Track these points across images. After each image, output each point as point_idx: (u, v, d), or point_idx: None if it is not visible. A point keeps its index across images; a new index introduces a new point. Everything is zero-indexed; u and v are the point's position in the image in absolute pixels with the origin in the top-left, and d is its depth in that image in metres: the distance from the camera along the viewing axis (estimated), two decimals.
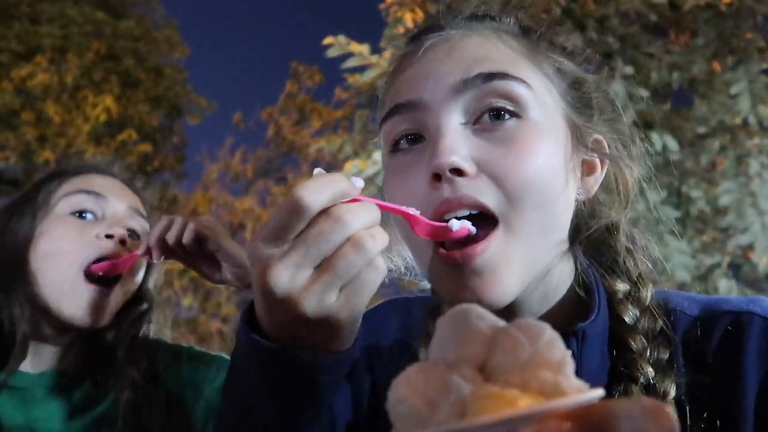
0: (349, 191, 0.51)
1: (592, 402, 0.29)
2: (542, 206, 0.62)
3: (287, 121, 13.65)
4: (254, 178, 13.42)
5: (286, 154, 13.76)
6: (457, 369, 0.32)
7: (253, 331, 0.54)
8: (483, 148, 0.62)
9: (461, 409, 0.29)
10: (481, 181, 0.61)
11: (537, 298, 0.68)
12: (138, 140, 11.40)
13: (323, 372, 0.55)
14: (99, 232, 1.09)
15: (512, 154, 0.61)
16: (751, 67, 3.55)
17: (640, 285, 0.70)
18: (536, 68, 0.66)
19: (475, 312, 0.34)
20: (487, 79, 0.63)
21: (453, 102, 0.63)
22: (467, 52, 0.65)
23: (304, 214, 0.49)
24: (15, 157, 10.84)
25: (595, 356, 0.65)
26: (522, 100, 0.63)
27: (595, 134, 0.70)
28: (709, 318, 0.66)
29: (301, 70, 13.71)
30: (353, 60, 3.46)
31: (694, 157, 3.85)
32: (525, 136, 0.62)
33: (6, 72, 10.65)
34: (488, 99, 0.63)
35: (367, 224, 0.51)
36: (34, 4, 11.22)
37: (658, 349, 0.65)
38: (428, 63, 0.66)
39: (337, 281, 0.51)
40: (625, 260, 0.71)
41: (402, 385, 0.32)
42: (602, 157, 0.70)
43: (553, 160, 0.63)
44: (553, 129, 0.65)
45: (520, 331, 0.32)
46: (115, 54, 11.52)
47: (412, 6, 4.32)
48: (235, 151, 13.61)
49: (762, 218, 3.48)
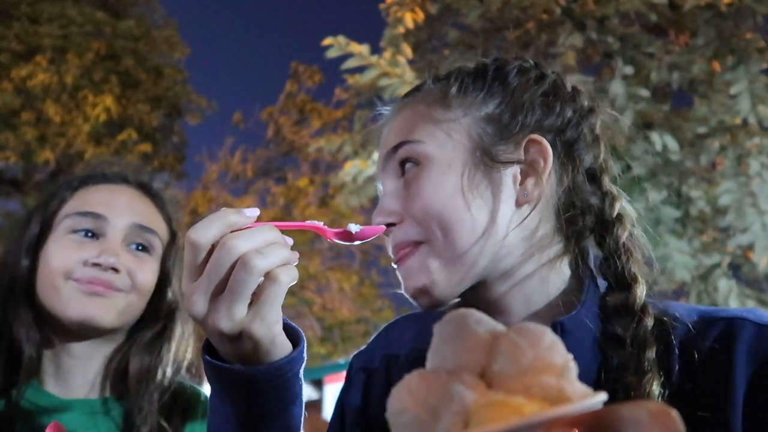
0: (237, 222, 0.64)
1: (598, 406, 0.29)
2: (449, 226, 0.74)
3: (287, 121, 13.65)
4: (254, 178, 13.43)
5: (286, 154, 13.77)
6: (458, 376, 0.31)
7: (210, 355, 0.69)
8: (402, 197, 0.78)
9: (464, 418, 0.29)
10: (407, 223, 0.77)
11: (519, 299, 0.76)
12: (138, 140, 11.39)
13: (262, 380, 0.67)
14: (88, 259, 1.06)
15: (414, 194, 0.76)
16: (751, 67, 3.55)
17: (632, 283, 0.72)
18: (437, 122, 0.79)
19: (473, 317, 0.34)
20: (393, 152, 0.80)
21: (384, 172, 0.82)
22: (392, 129, 0.82)
23: (199, 250, 0.63)
24: (15, 157, 10.83)
25: (581, 351, 0.67)
26: (418, 153, 0.77)
27: (529, 135, 0.77)
28: (704, 324, 0.69)
29: (301, 70, 13.72)
30: (353, 60, 3.46)
31: (694, 157, 3.85)
32: (419, 178, 0.76)
33: (6, 72, 10.64)
34: (398, 159, 0.79)
35: (259, 245, 0.63)
36: (34, 4, 11.21)
37: (648, 347, 0.68)
38: (382, 138, 0.84)
39: (236, 298, 0.63)
40: (618, 258, 0.74)
41: (402, 394, 0.31)
42: (542, 153, 0.76)
43: (448, 189, 0.75)
44: (449, 163, 0.76)
45: (520, 336, 0.31)
46: (115, 54, 11.51)
47: (412, 6, 4.32)
48: (235, 151, 13.63)
49: (762, 218, 3.48)
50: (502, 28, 4.29)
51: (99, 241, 1.09)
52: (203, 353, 0.69)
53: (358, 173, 3.88)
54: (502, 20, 4.24)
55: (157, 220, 1.16)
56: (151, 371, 1.12)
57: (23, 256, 1.09)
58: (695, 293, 3.76)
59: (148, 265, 1.12)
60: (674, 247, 3.41)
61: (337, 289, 12.76)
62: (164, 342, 1.15)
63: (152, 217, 1.15)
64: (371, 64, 3.47)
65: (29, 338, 1.05)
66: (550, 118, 0.79)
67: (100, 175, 1.17)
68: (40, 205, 1.13)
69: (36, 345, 1.06)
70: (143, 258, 1.12)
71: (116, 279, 1.07)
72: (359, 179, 3.90)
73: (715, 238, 4.10)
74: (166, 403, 1.12)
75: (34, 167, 11.42)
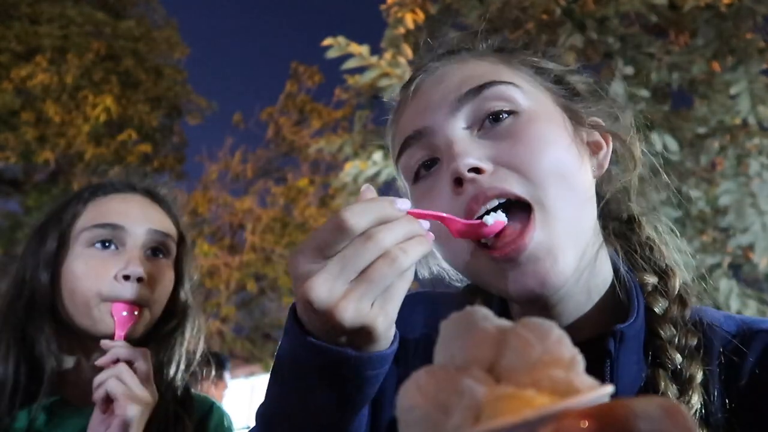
0: (391, 215, 0.56)
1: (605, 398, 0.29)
2: (565, 182, 0.65)
3: (287, 122, 13.65)
4: (254, 178, 13.42)
5: (286, 154, 13.76)
6: (467, 371, 0.31)
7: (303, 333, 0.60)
8: (493, 147, 0.66)
9: (476, 413, 0.29)
10: (501, 172, 0.65)
11: (578, 292, 0.70)
12: (138, 140, 11.39)
13: (368, 368, 0.60)
14: (117, 273, 1.09)
15: (521, 144, 0.65)
16: (751, 67, 3.55)
17: (668, 275, 0.72)
18: (517, 71, 0.72)
19: (480, 313, 0.34)
20: (477, 91, 0.68)
21: (453, 119, 0.69)
22: (453, 77, 0.71)
23: (346, 235, 0.55)
24: (15, 157, 10.83)
25: (632, 356, 0.67)
26: (513, 98, 0.68)
27: (591, 116, 0.75)
28: (746, 336, 0.67)
29: (301, 70, 13.71)
30: (353, 61, 3.46)
31: (694, 157, 3.85)
32: (527, 127, 0.67)
33: (6, 72, 10.64)
34: (484, 106, 0.68)
35: (401, 238, 0.56)
36: (34, 5, 11.20)
37: (687, 336, 0.67)
38: (422, 96, 0.72)
39: (371, 292, 0.56)
40: (651, 252, 0.73)
41: (412, 391, 0.31)
42: (604, 134, 0.74)
43: (559, 140, 0.67)
44: (550, 115, 0.69)
45: (528, 331, 0.32)
46: (115, 54, 11.51)
47: (413, 6, 4.32)
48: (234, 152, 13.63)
49: (762, 218, 3.48)
50: (503, 28, 4.30)
51: (120, 251, 1.12)
52: (302, 336, 0.59)
53: (358, 174, 3.88)
54: (502, 20, 4.24)
55: (168, 224, 1.20)
56: (163, 368, 1.15)
57: (42, 272, 1.11)
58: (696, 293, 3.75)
59: (167, 271, 1.16)
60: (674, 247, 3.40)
61: None
62: (176, 340, 1.19)
63: (164, 221, 1.19)
64: (371, 65, 3.47)
65: (51, 352, 1.09)
66: (606, 105, 0.77)
67: (109, 185, 1.20)
68: (54, 219, 1.15)
69: (58, 359, 1.09)
70: (161, 264, 1.16)
71: (141, 293, 1.10)
72: (359, 180, 3.90)
73: (715, 239, 4.10)
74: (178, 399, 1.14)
75: (33, 167, 11.42)
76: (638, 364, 0.67)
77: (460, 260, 0.71)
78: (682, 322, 0.68)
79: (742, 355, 0.65)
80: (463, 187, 0.65)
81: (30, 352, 1.09)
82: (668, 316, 0.68)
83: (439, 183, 0.69)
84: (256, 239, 11.83)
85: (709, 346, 0.67)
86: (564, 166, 0.66)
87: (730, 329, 0.68)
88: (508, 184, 0.64)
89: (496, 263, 0.66)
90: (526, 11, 4.08)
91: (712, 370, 0.65)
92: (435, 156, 0.70)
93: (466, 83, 0.70)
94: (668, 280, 0.71)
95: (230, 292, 11.65)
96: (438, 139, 0.69)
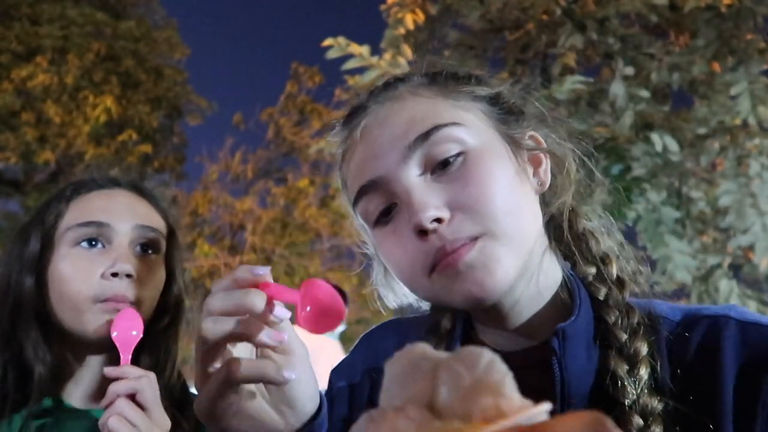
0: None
1: (543, 415, 0.29)
2: (514, 211, 0.71)
3: (287, 122, 13.65)
4: (254, 179, 13.42)
5: (286, 154, 13.76)
6: (403, 411, 0.31)
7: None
8: (446, 190, 0.70)
9: None
10: (458, 218, 0.69)
11: (529, 296, 0.74)
12: (138, 141, 11.39)
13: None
14: (104, 271, 1.05)
15: (472, 185, 0.70)
16: (752, 68, 3.55)
17: (606, 263, 0.76)
18: (455, 103, 0.75)
19: (417, 350, 0.34)
20: (425, 137, 0.71)
21: (406, 167, 0.72)
22: (397, 120, 0.74)
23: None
24: (15, 158, 10.84)
25: (580, 352, 0.71)
26: (460, 139, 0.71)
27: (528, 132, 0.78)
28: (690, 322, 0.72)
29: (302, 70, 13.71)
30: (353, 61, 3.46)
31: (695, 157, 3.85)
32: (475, 166, 0.71)
33: (6, 72, 10.65)
34: (433, 152, 0.71)
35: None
36: (34, 5, 11.21)
37: (628, 315, 0.72)
38: (370, 142, 0.75)
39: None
40: (588, 243, 0.78)
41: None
42: (542, 150, 0.79)
43: (505, 172, 0.72)
44: (493, 147, 0.73)
45: (457, 361, 0.32)
46: (115, 55, 11.52)
47: (413, 7, 4.32)
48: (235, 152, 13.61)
49: (762, 219, 3.48)
50: (503, 28, 4.29)
51: (107, 249, 1.08)
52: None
53: None
54: (502, 21, 4.24)
55: (156, 218, 1.16)
56: (160, 367, 1.12)
57: (27, 275, 1.08)
58: (696, 294, 3.76)
59: (157, 267, 1.13)
60: (675, 247, 3.41)
61: None
62: (171, 337, 1.16)
63: (151, 216, 1.15)
64: (372, 65, 3.47)
65: (38, 357, 1.05)
66: (542, 117, 0.81)
67: (91, 182, 1.15)
68: (36, 220, 1.12)
69: (46, 364, 1.06)
70: (151, 260, 1.12)
71: (131, 289, 1.07)
72: None
73: (715, 239, 4.10)
74: (178, 399, 1.12)
75: (34, 168, 11.43)
76: (589, 351, 0.71)
77: (414, 284, 0.75)
78: (623, 303, 0.73)
79: (687, 337, 0.71)
80: (428, 236, 0.69)
81: (18, 358, 1.06)
82: (610, 300, 0.73)
83: (402, 228, 0.72)
84: (257, 240, 11.83)
85: (657, 333, 0.72)
86: (512, 197, 0.71)
87: (675, 318, 0.73)
88: (465, 229, 0.69)
89: (441, 278, 0.70)
90: (527, 12, 4.08)
91: (660, 348, 0.71)
92: (393, 201, 0.74)
93: (413, 129, 0.72)
94: (606, 267, 0.76)
95: None
96: (394, 187, 0.72)
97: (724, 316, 0.71)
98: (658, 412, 0.66)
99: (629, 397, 0.67)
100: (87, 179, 1.16)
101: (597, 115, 3.76)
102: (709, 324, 0.71)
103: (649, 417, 0.66)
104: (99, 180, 1.16)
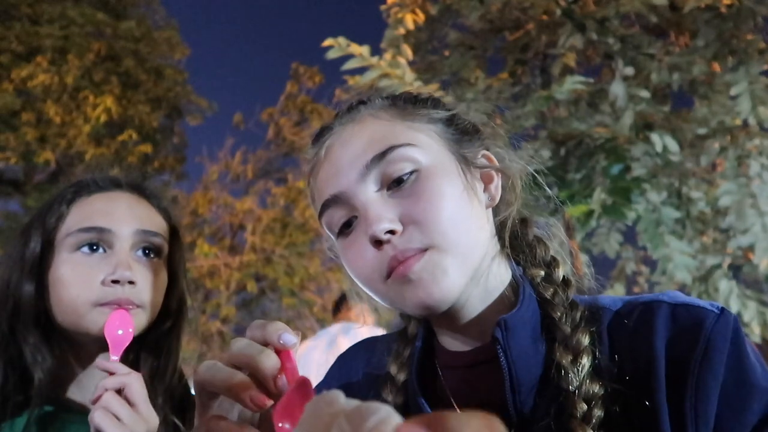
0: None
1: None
2: (461, 225, 0.76)
3: (287, 122, 13.65)
4: (254, 179, 13.42)
5: (287, 154, 13.76)
6: None
7: None
8: (400, 205, 0.77)
9: None
10: (409, 230, 0.76)
11: (478, 298, 0.81)
12: (138, 141, 11.39)
13: None
14: (105, 278, 1.04)
15: (422, 201, 0.76)
16: (752, 68, 3.55)
17: (553, 267, 0.83)
18: (412, 125, 0.82)
19: (325, 399, 0.35)
20: (381, 157, 0.78)
21: (364, 183, 0.79)
22: (358, 140, 0.81)
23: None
24: (15, 158, 10.83)
25: (524, 342, 0.76)
26: (413, 158, 0.78)
27: (482, 151, 0.86)
28: (628, 310, 0.77)
29: (302, 70, 13.72)
30: (353, 61, 3.45)
31: (695, 158, 3.85)
32: (426, 183, 0.77)
33: (6, 72, 10.64)
34: (389, 170, 0.78)
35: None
36: (34, 5, 11.21)
37: (571, 311, 0.78)
38: (333, 160, 0.82)
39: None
40: (537, 248, 0.84)
41: None
42: (493, 168, 0.86)
43: (454, 189, 0.78)
44: (444, 165, 0.80)
45: (347, 419, 0.32)
46: (115, 55, 11.52)
47: (413, 7, 4.32)
48: (235, 152, 13.61)
49: (762, 219, 3.48)
50: (503, 29, 4.30)
51: (108, 254, 1.07)
52: None
53: None
54: (502, 21, 4.25)
55: (158, 221, 1.14)
56: (161, 369, 1.12)
57: (26, 279, 1.07)
58: (696, 294, 3.76)
59: (159, 271, 1.12)
60: (675, 248, 3.41)
61: (337, 290, 12.77)
62: (173, 339, 1.15)
63: (153, 218, 1.13)
64: (372, 65, 3.47)
65: (37, 362, 1.04)
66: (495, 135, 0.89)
67: (92, 184, 1.13)
68: (37, 222, 1.10)
69: (45, 369, 1.05)
70: (153, 264, 1.11)
71: (134, 294, 1.06)
72: None
73: (715, 239, 4.11)
74: (179, 401, 1.12)
75: (34, 168, 11.43)
76: (536, 344, 0.77)
77: (376, 291, 0.80)
78: (568, 300, 0.79)
79: (626, 324, 0.76)
80: (383, 246, 0.76)
81: (18, 362, 1.05)
82: (556, 299, 0.79)
83: (361, 238, 0.79)
84: (257, 240, 11.83)
85: (599, 323, 0.77)
86: (459, 213, 0.77)
87: (616, 307, 0.79)
88: (415, 241, 0.75)
89: (395, 284, 0.77)
90: (527, 12, 4.09)
91: (601, 336, 0.76)
92: (353, 214, 0.80)
93: (371, 148, 0.79)
94: (553, 270, 0.83)
95: (230, 293, 11.64)
96: (354, 201, 0.79)
97: (657, 300, 0.76)
98: (599, 395, 0.71)
99: (573, 384, 0.72)
100: (88, 181, 1.15)
101: (597, 115, 3.76)
102: (643, 309, 0.76)
103: (591, 401, 0.70)
104: (100, 181, 1.14)
